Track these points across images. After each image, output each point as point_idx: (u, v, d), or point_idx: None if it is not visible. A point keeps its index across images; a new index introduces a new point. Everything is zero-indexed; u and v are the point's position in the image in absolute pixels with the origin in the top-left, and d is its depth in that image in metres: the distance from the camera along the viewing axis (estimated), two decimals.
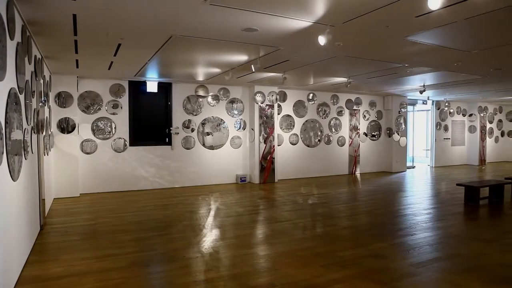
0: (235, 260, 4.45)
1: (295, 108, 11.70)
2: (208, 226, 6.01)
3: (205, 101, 10.36)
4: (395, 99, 13.52)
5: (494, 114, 17.51)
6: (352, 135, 12.91)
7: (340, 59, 6.89)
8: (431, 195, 9.20)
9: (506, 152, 17.88)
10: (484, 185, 7.99)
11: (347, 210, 7.35)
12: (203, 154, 10.37)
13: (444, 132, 15.84)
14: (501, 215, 7.06)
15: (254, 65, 6.88)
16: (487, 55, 6.64)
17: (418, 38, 5.43)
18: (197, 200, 8.20)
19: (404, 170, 13.85)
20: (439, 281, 3.91)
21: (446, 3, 3.56)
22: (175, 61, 7.19)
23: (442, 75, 8.90)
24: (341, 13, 4.26)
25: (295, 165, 11.75)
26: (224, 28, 4.85)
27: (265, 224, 6.32)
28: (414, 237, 5.43)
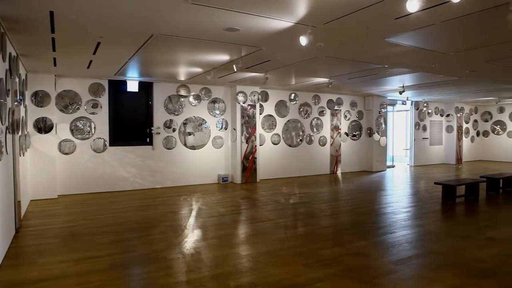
0: (217, 261, 4.44)
1: (277, 108, 11.74)
2: (190, 227, 5.97)
3: (187, 101, 10.28)
4: (375, 100, 13.73)
5: (470, 115, 17.98)
6: (334, 135, 13.04)
7: (322, 60, 6.95)
8: (410, 193, 9.38)
9: (481, 152, 18.40)
10: (461, 183, 8.19)
11: (329, 209, 7.42)
12: (184, 154, 10.29)
13: (423, 132, 16.18)
14: (477, 212, 7.25)
15: (236, 65, 6.87)
16: (463, 57, 6.81)
17: (397, 40, 5.53)
18: (178, 201, 8.13)
19: (384, 170, 14.08)
20: (418, 277, 3.99)
21: (424, 6, 3.62)
22: (156, 60, 7.11)
23: (420, 76, 9.08)
24: (322, 14, 4.30)
25: (277, 165, 11.79)
26: (205, 27, 4.82)
27: (247, 224, 6.32)
28: (394, 235, 5.53)
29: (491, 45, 5.90)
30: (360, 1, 3.88)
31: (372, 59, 6.92)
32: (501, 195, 8.83)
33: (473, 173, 12.90)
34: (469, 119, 17.91)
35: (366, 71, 8.20)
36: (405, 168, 15.11)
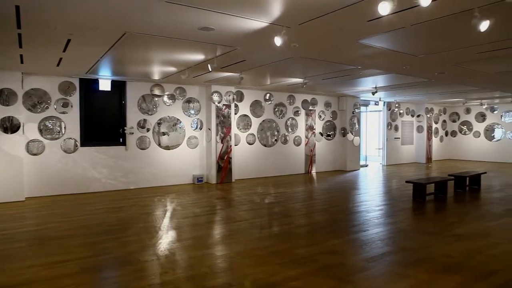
0: (191, 262, 4.40)
1: (252, 108, 11.75)
2: (164, 228, 5.89)
3: (161, 101, 10.14)
4: (349, 100, 13.97)
5: (439, 115, 18.58)
6: (308, 135, 13.18)
7: (296, 60, 7.01)
8: (382, 192, 9.60)
9: (449, 151, 19.06)
10: (430, 182, 8.46)
11: (303, 208, 7.50)
12: (158, 154, 10.14)
13: (395, 132, 16.59)
14: (445, 209, 7.50)
15: (211, 64, 6.83)
16: (432, 60, 7.03)
17: (370, 42, 5.64)
18: (152, 202, 8.01)
19: (357, 169, 14.35)
20: (390, 273, 4.09)
21: (395, 9, 3.72)
22: (130, 59, 6.98)
23: (392, 78, 9.30)
24: (297, 15, 4.34)
25: (252, 164, 11.81)
26: (180, 26, 4.77)
27: (222, 224, 6.30)
28: (367, 233, 5.64)
29: (458, 48, 6.12)
30: (333, 3, 3.94)
31: (346, 60, 7.04)
32: (467, 192, 9.17)
33: (442, 171, 13.34)
34: (438, 119, 18.51)
35: (340, 72, 8.33)
36: (377, 167, 15.45)
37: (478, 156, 18.08)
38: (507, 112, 17.17)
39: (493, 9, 4.07)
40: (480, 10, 4.04)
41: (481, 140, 18.08)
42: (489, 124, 17.81)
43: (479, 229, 5.84)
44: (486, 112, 17.80)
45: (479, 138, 18.15)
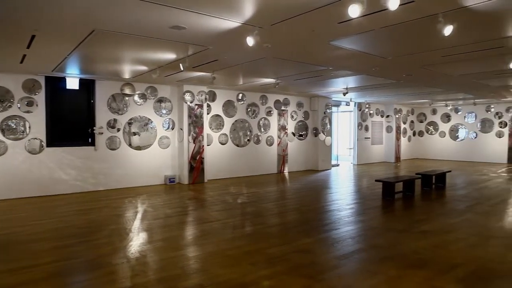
0: (163, 263, 4.34)
1: (224, 108, 11.72)
2: (135, 230, 5.78)
3: (132, 100, 9.94)
4: (321, 100, 14.17)
5: (407, 116, 19.16)
6: (281, 135, 13.27)
7: (269, 61, 7.04)
8: (353, 191, 9.80)
9: (417, 150, 19.69)
10: (399, 180, 8.70)
11: (276, 208, 7.54)
12: (129, 154, 9.94)
13: (365, 132, 16.97)
14: (413, 206, 7.74)
15: (183, 64, 6.76)
16: (400, 62, 7.24)
17: (341, 43, 5.75)
18: (123, 203, 7.84)
19: (329, 168, 14.57)
20: (360, 270, 4.19)
21: (364, 12, 3.80)
22: (99, 57, 6.79)
23: (362, 79, 9.51)
24: (269, 15, 4.36)
25: (225, 165, 11.77)
26: (151, 24, 4.69)
27: (195, 225, 6.25)
28: (338, 231, 5.74)
29: (424, 51, 6.34)
30: (305, 5, 3.99)
31: (318, 61, 7.14)
32: (433, 190, 9.50)
33: (410, 170, 13.76)
34: (406, 120, 19.08)
35: (311, 72, 8.43)
36: (349, 166, 15.75)
37: (444, 155, 18.78)
38: (470, 113, 17.92)
39: (455, 15, 4.24)
40: (444, 15, 4.21)
41: (446, 139, 18.80)
42: (454, 124, 18.54)
43: (444, 226, 6.06)
44: (450, 113, 18.51)
45: (445, 138, 18.86)
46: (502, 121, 17.00)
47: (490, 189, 9.67)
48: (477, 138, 17.78)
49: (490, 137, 17.39)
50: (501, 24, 4.81)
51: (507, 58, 6.64)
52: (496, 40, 5.57)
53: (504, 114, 16.87)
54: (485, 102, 16.25)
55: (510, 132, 16.74)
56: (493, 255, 4.65)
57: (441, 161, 18.11)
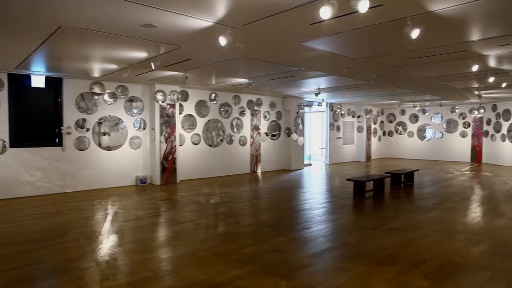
0: (134, 266, 4.25)
1: (197, 108, 11.62)
2: (105, 232, 5.64)
3: (101, 99, 9.68)
4: (293, 101, 14.30)
5: (377, 116, 19.64)
6: (253, 135, 13.30)
7: (241, 61, 7.04)
8: (325, 190, 9.94)
9: (386, 150, 20.21)
10: (369, 179, 8.90)
11: (249, 207, 7.55)
12: (99, 155, 9.68)
13: (337, 132, 17.26)
14: (383, 204, 7.93)
15: (154, 62, 6.65)
16: (370, 64, 7.41)
17: (312, 44, 5.82)
18: (92, 205, 7.63)
19: (302, 168, 14.72)
20: (332, 268, 4.25)
21: (335, 14, 3.87)
22: (66, 54, 6.58)
23: (334, 80, 9.67)
24: (241, 15, 4.36)
25: (198, 165, 11.68)
26: (121, 22, 4.59)
27: (167, 226, 6.16)
28: (310, 230, 5.81)
29: (393, 54, 6.52)
30: (277, 5, 4.01)
31: (290, 61, 7.20)
32: (402, 189, 9.78)
33: (380, 169, 14.11)
34: (376, 120, 19.55)
35: (284, 73, 8.49)
36: (321, 166, 15.97)
37: (412, 155, 19.37)
38: (436, 114, 18.58)
39: (422, 19, 4.38)
40: (411, 19, 4.34)
41: (414, 139, 19.41)
42: (421, 124, 19.16)
43: (411, 222, 6.25)
44: (418, 113, 19.12)
45: (413, 137, 19.47)
46: (465, 122, 17.72)
47: (455, 187, 10.05)
48: (443, 138, 18.45)
49: (455, 137, 18.09)
50: (464, 29, 5.01)
51: (470, 62, 6.91)
52: (459, 44, 5.80)
53: (467, 115, 17.59)
54: (450, 103, 16.89)
55: (473, 132, 17.47)
56: (458, 249, 4.84)
57: (410, 160, 18.67)
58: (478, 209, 7.49)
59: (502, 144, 15.81)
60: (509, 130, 15.29)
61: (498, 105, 16.13)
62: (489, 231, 5.70)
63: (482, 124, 17.17)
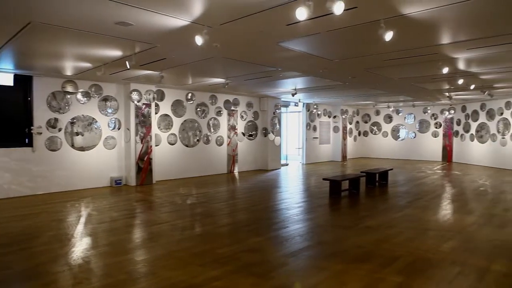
0: (108, 269, 4.16)
1: (173, 108, 11.49)
2: (78, 235, 5.50)
3: (74, 98, 9.43)
4: (270, 101, 14.36)
5: (353, 116, 19.97)
6: (230, 135, 13.27)
7: (218, 60, 7.01)
8: (302, 190, 10.03)
9: (362, 149, 20.58)
10: (345, 178, 9.04)
11: (226, 208, 7.53)
12: (72, 156, 9.42)
13: (313, 132, 17.43)
14: (358, 203, 8.07)
15: (129, 61, 6.53)
16: (346, 65, 7.53)
17: (289, 45, 5.86)
18: (65, 207, 7.42)
19: (278, 168, 14.80)
20: (308, 267, 4.29)
21: (311, 16, 3.91)
22: (36, 51, 6.37)
23: (310, 80, 9.77)
24: (218, 15, 4.34)
25: (174, 165, 11.56)
26: (94, 19, 4.49)
27: (142, 227, 6.06)
28: (287, 229, 5.84)
29: (368, 55, 6.64)
30: (254, 5, 4.02)
31: (266, 61, 7.22)
32: (377, 188, 9.98)
33: (355, 169, 14.35)
34: (352, 120, 19.87)
35: (261, 73, 8.52)
36: (297, 166, 16.10)
37: (386, 154, 19.81)
38: (409, 115, 19.06)
39: (395, 22, 4.49)
40: (385, 21, 4.43)
41: (389, 139, 19.85)
42: (395, 125, 19.61)
43: (386, 221, 6.39)
44: (392, 114, 19.56)
45: (387, 137, 19.90)
46: (437, 122, 18.26)
47: (427, 185, 10.34)
48: (415, 138, 18.95)
49: (427, 137, 18.62)
50: (435, 33, 5.16)
51: (441, 64, 7.13)
52: (431, 47, 5.97)
53: (439, 116, 18.13)
54: (422, 104, 17.37)
55: (444, 132, 18.02)
56: (429, 246, 4.98)
57: (384, 159, 19.08)
58: (449, 206, 7.74)
59: (471, 143, 16.39)
60: (477, 131, 15.87)
61: (467, 106, 16.72)
62: (459, 228, 5.89)
63: (453, 124, 17.75)
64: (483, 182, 10.90)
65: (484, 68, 7.92)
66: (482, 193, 9.08)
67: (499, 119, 14.61)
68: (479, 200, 8.28)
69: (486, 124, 15.38)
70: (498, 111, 14.66)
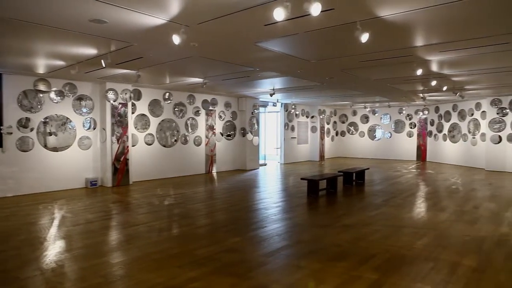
0: (83, 273, 4.06)
1: (150, 107, 11.34)
2: (51, 238, 5.34)
3: (47, 97, 9.16)
4: (248, 101, 14.36)
5: (330, 116, 20.21)
6: (209, 135, 13.20)
7: (196, 60, 6.96)
8: (280, 189, 10.08)
9: (339, 149, 20.86)
10: (323, 178, 9.13)
11: (204, 208, 7.48)
12: (45, 156, 9.15)
13: (291, 132, 17.55)
14: (335, 202, 8.17)
15: (105, 60, 6.40)
16: (323, 65, 7.61)
17: (267, 45, 5.87)
18: (37, 210, 7.20)
19: (257, 168, 14.82)
20: (287, 266, 4.32)
21: (288, 16, 3.93)
22: (5, 48, 6.13)
23: (288, 80, 9.83)
24: (195, 14, 4.31)
25: (151, 166, 11.40)
26: (67, 15, 4.37)
27: (119, 229, 5.95)
28: (266, 229, 5.86)
29: (344, 56, 6.74)
30: (232, 5, 4.01)
31: (244, 61, 7.22)
32: (354, 187, 10.14)
33: (333, 168, 14.53)
34: (329, 120, 20.12)
35: (239, 73, 8.51)
36: (276, 166, 16.17)
37: (363, 154, 20.14)
38: (385, 115, 19.45)
39: (371, 24, 4.57)
40: (361, 23, 4.51)
41: (365, 139, 20.19)
42: (371, 125, 19.98)
43: (362, 219, 6.49)
44: (369, 114, 19.92)
45: (364, 137, 20.24)
46: (412, 122, 18.71)
47: (402, 184, 10.58)
48: (391, 138, 19.35)
49: (402, 136, 19.05)
50: (409, 35, 5.29)
51: (415, 66, 7.31)
52: (405, 49, 6.11)
53: (413, 116, 18.58)
54: (398, 105, 17.76)
55: (418, 132, 18.49)
56: (404, 243, 5.09)
57: (361, 159, 19.40)
58: (423, 204, 7.94)
59: (443, 143, 16.89)
60: (450, 131, 16.36)
61: (440, 107, 17.21)
62: (432, 225, 6.05)
63: (427, 124, 18.23)
64: (455, 181, 11.25)
65: (455, 70, 8.17)
66: (454, 191, 9.36)
67: (470, 120, 15.11)
68: (451, 197, 8.54)
69: (458, 124, 15.87)
70: (469, 112, 15.15)
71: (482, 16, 4.45)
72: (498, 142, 13.59)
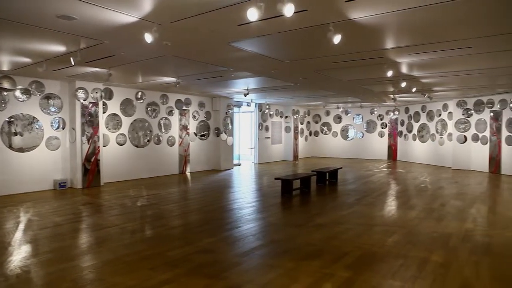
0: (50, 278, 3.93)
1: (122, 107, 11.10)
2: (16, 243, 5.13)
3: (12, 96, 8.80)
4: (222, 101, 14.31)
5: (304, 117, 20.42)
6: (182, 135, 13.06)
7: (169, 59, 6.87)
8: (254, 189, 10.09)
9: (313, 149, 21.11)
10: (296, 178, 9.21)
11: (178, 209, 7.40)
12: (9, 157, 8.78)
13: (265, 132, 17.61)
14: (309, 202, 8.26)
15: (74, 57, 6.21)
16: (296, 66, 7.68)
17: (241, 45, 5.87)
18: (1, 213, 6.90)
19: (231, 168, 14.79)
20: (261, 265, 4.33)
21: (262, 17, 3.94)
22: None
23: (262, 80, 9.85)
24: (168, 12, 4.25)
25: (123, 166, 11.17)
26: (33, 11, 4.21)
27: (89, 232, 5.79)
28: (240, 229, 5.85)
29: (318, 57, 6.82)
30: (206, 4, 3.98)
31: (218, 61, 7.18)
32: (327, 186, 10.28)
33: (307, 168, 14.68)
34: (303, 120, 20.32)
35: (212, 72, 8.46)
36: (250, 165, 16.18)
37: (336, 153, 20.46)
38: (358, 115, 19.84)
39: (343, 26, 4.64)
40: (334, 25, 4.57)
41: (338, 139, 20.52)
42: (344, 125, 20.33)
43: (335, 218, 6.59)
44: (341, 114, 20.25)
45: (337, 137, 20.57)
46: (383, 123, 19.18)
47: (374, 183, 10.82)
48: (363, 138, 19.76)
49: (374, 136, 19.48)
50: (380, 38, 5.41)
51: (386, 68, 7.49)
52: (376, 51, 6.25)
53: (384, 116, 19.04)
54: (369, 105, 18.16)
55: (389, 132, 18.97)
56: (376, 241, 5.21)
57: (334, 158, 19.70)
58: (394, 203, 8.15)
59: (413, 143, 17.40)
60: (419, 131, 16.87)
61: (410, 108, 17.71)
62: (402, 223, 6.22)
63: (397, 125, 18.73)
64: (424, 179, 11.61)
65: (424, 72, 8.43)
66: (423, 189, 9.66)
67: (437, 120, 15.63)
68: (420, 196, 8.80)
69: (427, 124, 16.39)
70: (436, 112, 15.68)
71: (449, 20, 4.61)
72: (463, 142, 14.13)
